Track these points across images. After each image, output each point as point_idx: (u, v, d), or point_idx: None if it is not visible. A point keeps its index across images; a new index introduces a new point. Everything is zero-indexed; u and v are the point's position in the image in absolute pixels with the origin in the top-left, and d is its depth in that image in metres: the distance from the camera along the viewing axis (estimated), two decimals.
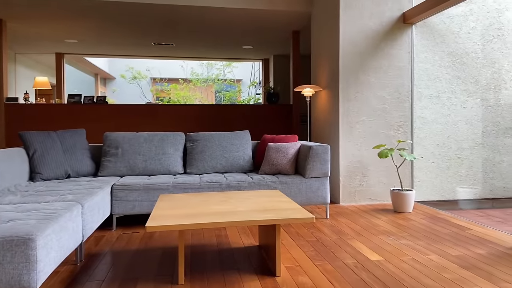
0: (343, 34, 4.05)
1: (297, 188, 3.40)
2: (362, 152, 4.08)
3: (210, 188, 3.27)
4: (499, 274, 2.15)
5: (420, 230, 3.04)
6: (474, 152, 4.30)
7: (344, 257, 2.45)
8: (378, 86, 4.10)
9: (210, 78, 13.74)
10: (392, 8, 4.11)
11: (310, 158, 3.39)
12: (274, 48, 7.56)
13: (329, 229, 3.12)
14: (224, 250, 2.62)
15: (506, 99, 4.36)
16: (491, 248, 2.60)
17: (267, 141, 3.82)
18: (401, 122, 4.14)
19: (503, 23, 4.33)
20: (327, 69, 4.43)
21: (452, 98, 4.25)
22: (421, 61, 4.19)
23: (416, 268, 2.25)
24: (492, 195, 4.34)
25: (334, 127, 4.20)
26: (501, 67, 4.34)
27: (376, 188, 4.10)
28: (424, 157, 4.20)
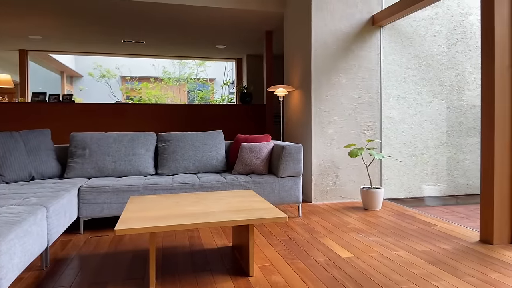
0: (315, 35, 4.10)
1: (270, 187, 3.41)
2: (334, 152, 4.15)
3: (183, 189, 3.22)
4: (464, 268, 2.25)
5: (389, 227, 3.14)
6: (439, 151, 4.48)
7: (316, 255, 2.48)
8: (349, 87, 4.19)
9: (183, 77, 13.55)
10: (362, 10, 4.21)
11: (283, 158, 3.42)
12: (247, 48, 7.56)
13: (302, 227, 3.15)
14: (197, 251, 2.59)
15: (469, 100, 4.57)
16: (456, 243, 2.72)
17: (240, 141, 3.81)
18: (370, 122, 4.25)
19: (466, 27, 4.54)
20: (299, 69, 4.48)
21: (418, 99, 4.41)
22: (389, 62, 4.31)
23: (385, 264, 2.31)
24: (456, 192, 4.54)
25: (306, 127, 4.25)
26: (464, 69, 4.55)
27: (347, 187, 4.19)
28: (392, 156, 4.34)
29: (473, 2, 4.54)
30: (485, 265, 2.28)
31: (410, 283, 2.04)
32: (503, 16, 2.65)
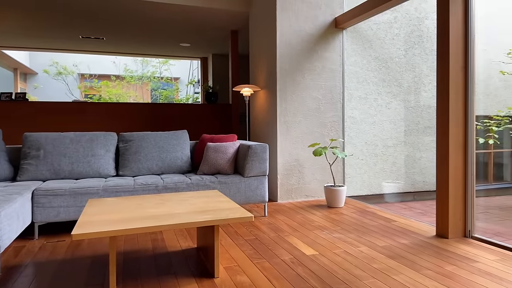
0: (280, 36, 4.13)
1: (236, 187, 3.40)
2: (299, 151, 4.21)
3: (145, 191, 3.13)
4: (422, 262, 2.35)
5: (351, 224, 3.23)
6: (397, 150, 4.67)
7: (282, 254, 2.50)
8: (313, 87, 4.26)
9: (146, 75, 13.20)
10: (325, 13, 4.30)
11: (249, 157, 3.41)
12: (213, 47, 7.49)
13: (267, 226, 3.17)
14: (160, 254, 2.52)
15: (425, 101, 4.80)
16: (414, 238, 2.84)
17: (206, 141, 3.77)
18: (334, 121, 4.35)
19: (423, 31, 4.76)
20: (265, 69, 4.50)
21: (378, 100, 4.57)
22: (351, 64, 4.44)
23: (348, 260, 2.37)
24: (414, 189, 4.76)
25: (272, 127, 4.28)
26: (421, 71, 4.77)
27: (311, 185, 4.26)
28: (354, 155, 4.47)
29: (429, 7, 4.78)
30: (441, 258, 2.40)
31: (371, 278, 2.10)
32: (457, 21, 2.80)
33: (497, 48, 5.25)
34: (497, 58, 5.23)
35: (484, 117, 5.22)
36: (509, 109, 5.23)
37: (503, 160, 5.54)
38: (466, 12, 2.82)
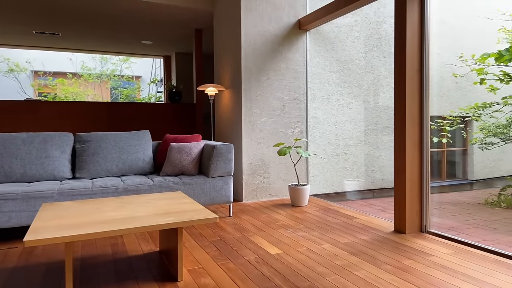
0: (244, 36, 4.13)
1: (201, 188, 3.35)
2: (264, 151, 4.23)
3: (105, 194, 3.00)
4: (381, 257, 2.44)
5: (315, 222, 3.29)
6: (358, 149, 4.82)
7: (246, 254, 2.49)
8: (278, 88, 4.29)
9: (105, 73, 12.70)
10: (289, 14, 4.35)
11: (214, 158, 3.38)
12: (176, 45, 7.35)
13: (232, 227, 3.15)
14: (121, 259, 2.43)
15: (383, 102, 4.99)
16: (374, 234, 2.94)
17: (169, 141, 3.68)
18: (297, 121, 4.41)
19: (381, 34, 4.95)
20: (230, 69, 4.48)
21: (340, 100, 4.69)
22: (314, 65, 4.52)
23: (311, 258, 2.41)
24: (373, 186, 4.93)
25: (237, 127, 4.27)
26: (379, 73, 4.95)
27: (276, 184, 4.30)
28: (317, 154, 4.56)
29: (387, 11, 4.97)
30: (399, 253, 2.50)
31: (334, 274, 2.15)
32: (414, 26, 2.93)
33: (450, 52, 5.58)
34: (450, 61, 5.56)
35: (438, 117, 5.53)
36: (461, 109, 5.56)
37: (455, 158, 5.88)
38: (422, 18, 2.96)
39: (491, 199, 4.67)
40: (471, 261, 2.32)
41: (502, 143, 5.05)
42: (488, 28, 5.58)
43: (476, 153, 5.68)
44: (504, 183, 5.20)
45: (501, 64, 4.56)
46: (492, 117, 5.21)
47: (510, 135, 4.92)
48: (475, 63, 5.13)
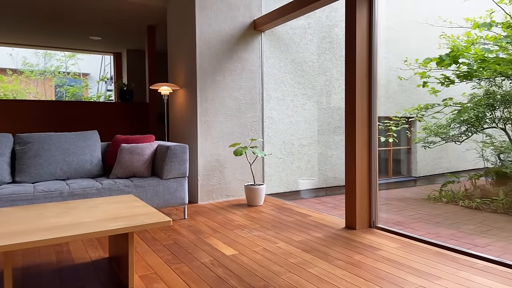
0: (199, 34, 4.06)
1: (154, 190, 3.25)
2: (220, 151, 4.19)
3: (48, 199, 2.81)
4: (333, 253, 2.51)
5: (270, 221, 3.32)
6: (311, 148, 4.95)
7: (201, 256, 2.45)
8: (234, 88, 4.28)
9: (49, 70, 11.91)
10: (244, 14, 4.35)
11: (168, 159, 3.29)
12: (127, 41, 7.07)
13: (187, 229, 3.09)
14: (66, 267, 2.28)
15: (335, 103, 5.17)
16: (326, 231, 3.02)
17: (119, 142, 3.53)
18: (253, 121, 4.43)
19: (333, 38, 5.12)
20: (184, 68, 4.39)
21: (294, 101, 4.78)
22: (269, 66, 4.57)
23: (267, 257, 2.43)
24: (326, 184, 5.09)
25: (192, 127, 4.19)
26: (331, 76, 5.12)
27: (232, 185, 4.28)
28: (273, 154, 4.61)
29: (339, 15, 5.15)
30: (350, 248, 2.59)
31: (289, 273, 2.18)
32: (363, 31, 3.06)
33: (396, 56, 5.90)
34: (396, 65, 5.88)
35: (385, 118, 5.83)
36: (405, 111, 5.91)
37: (401, 157, 6.24)
38: (370, 24, 3.09)
39: (433, 194, 5.02)
40: (415, 254, 2.46)
41: (442, 142, 5.45)
42: (430, 34, 5.98)
43: (419, 152, 6.07)
44: (445, 180, 5.62)
45: (442, 68, 4.91)
46: (434, 118, 5.59)
47: (450, 134, 5.31)
48: (419, 67, 5.47)
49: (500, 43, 4.45)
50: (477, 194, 4.78)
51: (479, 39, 4.83)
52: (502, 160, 5.24)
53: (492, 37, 4.68)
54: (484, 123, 5.01)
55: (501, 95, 4.92)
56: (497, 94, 4.97)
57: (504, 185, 4.60)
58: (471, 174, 5.19)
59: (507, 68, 4.41)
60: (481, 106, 4.96)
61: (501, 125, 4.96)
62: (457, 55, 4.60)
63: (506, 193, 4.42)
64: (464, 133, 5.19)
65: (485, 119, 4.99)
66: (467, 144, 5.53)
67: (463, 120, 5.08)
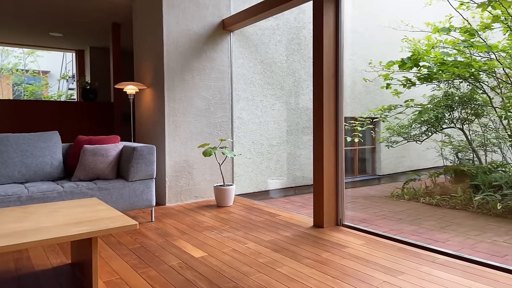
0: (167, 33, 3.99)
1: (119, 193, 3.15)
2: (188, 152, 4.14)
3: (5, 203, 2.65)
4: (302, 252, 2.54)
5: (239, 221, 3.31)
6: (281, 148, 4.99)
7: (169, 259, 2.41)
8: (202, 87, 4.24)
9: (6, 67, 11.25)
10: (213, 14, 4.31)
11: (134, 160, 3.20)
12: (91, 39, 6.81)
13: (155, 232, 3.02)
14: (26, 275, 2.16)
15: (304, 103, 5.25)
16: (295, 230, 3.06)
17: (82, 143, 3.39)
18: (223, 122, 4.40)
19: (301, 39, 5.19)
20: (151, 67, 4.29)
21: (264, 101, 4.81)
22: (238, 66, 4.56)
23: (236, 258, 2.42)
24: (294, 184, 5.15)
25: (160, 127, 4.10)
26: (299, 76, 5.19)
27: (201, 186, 4.24)
28: (242, 154, 4.61)
29: (306, 17, 5.23)
30: (318, 246, 2.64)
31: (258, 273, 2.18)
32: (330, 34, 3.12)
33: (361, 59, 6.08)
34: (361, 67, 6.06)
35: (351, 118, 5.99)
36: (370, 111, 6.10)
37: (366, 156, 6.44)
38: (337, 26, 3.16)
39: (396, 192, 5.22)
40: (380, 250, 2.55)
41: (404, 141, 5.68)
42: (393, 37, 6.21)
43: (383, 151, 6.29)
44: (406, 178, 5.85)
45: (404, 71, 5.11)
46: (397, 118, 5.82)
47: (411, 134, 5.54)
48: (382, 69, 5.67)
49: (458, 47, 4.70)
50: (437, 191, 5.02)
51: (438, 43, 5.07)
52: (460, 159, 5.53)
53: (451, 41, 4.93)
54: (443, 123, 5.28)
55: (458, 96, 5.19)
56: (455, 95, 5.24)
57: (461, 183, 4.86)
58: (431, 172, 5.45)
59: (465, 71, 4.66)
60: (440, 107, 5.22)
61: (459, 125, 5.24)
62: (418, 58, 4.80)
63: (464, 190, 4.68)
64: (425, 133, 5.44)
65: (444, 120, 5.25)
66: (427, 143, 5.80)
67: (423, 120, 5.32)
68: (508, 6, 4.18)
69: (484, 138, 5.24)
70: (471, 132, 5.32)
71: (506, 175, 4.42)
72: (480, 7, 4.30)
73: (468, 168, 4.81)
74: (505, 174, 4.47)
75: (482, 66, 4.65)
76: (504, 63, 4.60)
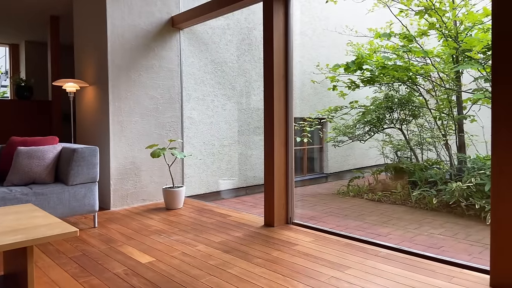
0: (111, 28, 3.79)
1: (58, 198, 2.93)
2: (135, 153, 3.97)
3: None
4: (253, 252, 2.55)
5: (189, 224, 3.24)
6: (232, 148, 4.98)
7: (114, 267, 2.29)
8: (150, 86, 4.09)
9: None
10: (161, 10, 4.18)
11: (75, 163, 3.00)
12: (26, 32, 6.29)
13: (98, 239, 2.86)
14: None
15: (255, 104, 5.28)
16: (246, 230, 3.06)
17: (16, 145, 3.11)
18: (172, 122, 4.29)
19: (252, 40, 5.21)
20: (94, 63, 4.05)
21: (215, 101, 4.76)
22: (188, 65, 4.47)
23: (186, 262, 2.36)
24: (246, 184, 5.17)
25: (103, 127, 3.89)
26: (250, 77, 5.21)
27: (149, 188, 4.09)
28: (193, 155, 4.53)
29: (257, 18, 5.27)
30: (269, 245, 2.66)
31: (208, 275, 2.15)
32: (280, 36, 3.16)
33: (309, 61, 6.25)
34: (309, 69, 6.23)
35: (300, 119, 6.14)
36: (318, 112, 6.30)
37: (314, 155, 6.64)
38: (286, 28, 3.22)
39: (342, 189, 5.44)
40: (328, 246, 2.63)
41: (349, 141, 5.94)
42: (339, 41, 6.47)
43: (330, 150, 6.53)
44: (351, 175, 6.13)
45: (348, 74, 5.34)
46: (342, 119, 6.07)
47: (356, 134, 5.81)
48: (329, 72, 5.88)
49: (398, 52, 5.01)
50: (379, 188, 5.31)
51: (380, 48, 5.37)
52: (399, 157, 5.91)
53: (391, 47, 5.24)
54: (384, 123, 5.60)
55: (398, 98, 5.54)
56: (394, 97, 5.58)
57: (401, 179, 5.19)
58: (373, 170, 5.76)
59: (403, 74, 4.99)
60: (382, 109, 5.53)
61: (398, 125, 5.60)
62: (361, 62, 5.05)
63: (403, 186, 5.00)
64: (368, 133, 5.73)
65: (385, 120, 5.57)
66: (370, 143, 6.12)
67: (366, 121, 5.61)
68: (442, 15, 4.54)
69: (420, 137, 5.65)
70: (409, 132, 5.71)
71: (440, 172, 4.80)
72: (417, 15, 4.63)
73: (406, 165, 5.15)
74: (440, 171, 4.85)
75: (419, 70, 5.01)
76: (439, 67, 4.99)
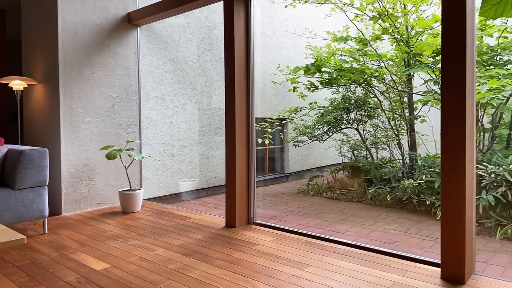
0: (62, 23, 3.59)
1: (4, 204, 2.73)
2: (89, 155, 3.79)
3: None
4: (213, 253, 2.52)
5: (148, 227, 3.15)
6: (193, 149, 4.90)
7: (66, 275, 2.16)
8: (105, 84, 3.92)
9: None
10: (117, 5, 4.02)
11: (22, 165, 2.80)
12: None
13: (48, 246, 2.69)
14: None
15: (216, 104, 5.23)
16: (207, 231, 3.02)
17: None
18: (129, 122, 4.14)
19: (213, 39, 5.16)
20: (44, 60, 3.81)
21: (174, 101, 4.66)
22: (147, 63, 4.34)
23: (144, 267, 2.28)
24: (207, 185, 5.11)
25: (54, 128, 3.67)
26: (212, 77, 5.16)
27: (104, 192, 3.92)
28: (152, 156, 4.40)
29: (218, 18, 5.22)
30: (230, 246, 2.64)
31: (167, 280, 2.09)
32: (241, 36, 3.15)
33: (270, 62, 6.31)
34: (270, 70, 6.28)
35: (261, 119, 6.17)
36: (279, 113, 6.37)
37: (275, 155, 6.71)
38: (247, 28, 3.21)
39: (302, 188, 5.54)
40: (288, 245, 2.66)
41: (309, 141, 6.06)
42: (299, 43, 6.58)
43: (290, 150, 6.63)
44: (311, 174, 6.26)
45: (308, 76, 5.45)
46: (302, 120, 6.18)
47: (315, 134, 5.95)
48: (289, 73, 5.97)
49: (354, 55, 5.19)
50: (337, 186, 5.47)
51: (337, 51, 5.53)
52: (356, 156, 6.13)
53: (347, 50, 5.42)
54: (341, 124, 5.78)
55: (354, 100, 5.74)
56: (351, 99, 5.78)
57: (357, 177, 5.38)
58: (332, 169, 5.93)
59: (359, 77, 5.17)
60: (339, 109, 5.70)
61: (355, 126, 5.80)
62: (320, 64, 5.18)
63: (359, 184, 5.18)
64: (326, 133, 5.89)
65: (343, 121, 5.75)
66: (329, 142, 6.29)
67: (325, 121, 5.76)
68: (395, 20, 4.76)
69: (375, 137, 5.89)
70: (364, 132, 5.93)
71: (394, 170, 5.04)
72: (372, 20, 4.82)
73: (362, 164, 5.35)
74: (393, 169, 5.09)
75: (374, 73, 5.22)
76: (392, 70, 5.23)
